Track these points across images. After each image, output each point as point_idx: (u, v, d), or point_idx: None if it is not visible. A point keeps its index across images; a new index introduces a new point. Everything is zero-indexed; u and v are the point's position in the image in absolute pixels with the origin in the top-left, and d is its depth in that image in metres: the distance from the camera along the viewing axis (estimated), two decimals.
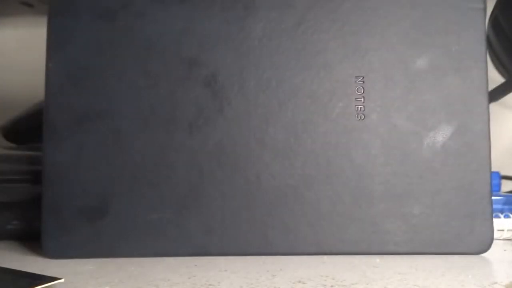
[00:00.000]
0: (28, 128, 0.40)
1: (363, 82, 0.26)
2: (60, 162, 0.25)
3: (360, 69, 0.26)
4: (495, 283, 0.21)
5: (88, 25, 0.26)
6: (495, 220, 0.27)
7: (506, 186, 0.40)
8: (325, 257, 0.25)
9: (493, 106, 0.30)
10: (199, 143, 0.26)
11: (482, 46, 0.26)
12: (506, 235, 0.30)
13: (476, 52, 0.26)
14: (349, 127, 0.26)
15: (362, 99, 0.26)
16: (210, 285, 0.21)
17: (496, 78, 0.44)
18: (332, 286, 0.21)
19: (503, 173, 0.39)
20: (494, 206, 0.30)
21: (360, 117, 0.26)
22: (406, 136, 0.26)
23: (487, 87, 0.26)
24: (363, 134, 0.26)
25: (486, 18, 0.27)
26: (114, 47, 0.26)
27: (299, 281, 0.21)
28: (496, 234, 0.29)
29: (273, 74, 0.26)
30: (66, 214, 0.25)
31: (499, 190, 0.37)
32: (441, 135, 0.26)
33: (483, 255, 0.26)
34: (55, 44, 0.26)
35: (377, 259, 0.25)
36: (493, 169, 0.27)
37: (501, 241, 0.30)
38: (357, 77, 0.26)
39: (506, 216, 0.30)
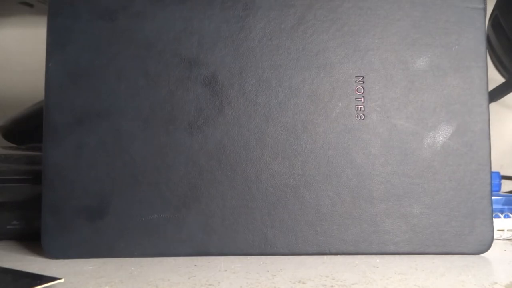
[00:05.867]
0: (28, 128, 0.40)
1: (363, 82, 0.26)
2: (60, 162, 0.25)
3: (360, 69, 0.26)
4: (495, 283, 0.21)
5: (88, 25, 0.26)
6: (495, 220, 0.27)
7: (506, 186, 0.40)
8: (325, 257, 0.25)
9: (493, 106, 0.30)
10: (199, 143, 0.26)
11: (482, 46, 0.26)
12: (506, 235, 0.30)
13: (476, 52, 0.26)
14: (349, 127, 0.26)
15: (362, 99, 0.26)
16: (210, 285, 0.21)
17: (496, 78, 0.44)
18: (332, 286, 0.21)
19: (503, 173, 0.39)
20: (494, 206, 0.30)
21: (360, 117, 0.26)
22: (406, 136, 0.26)
23: (487, 87, 0.26)
24: (363, 134, 0.26)
25: (486, 18, 0.27)
26: (114, 47, 0.26)
27: (299, 281, 0.21)
28: (496, 234, 0.29)
29: (273, 74, 0.26)
30: (66, 214, 0.25)
31: (499, 190, 0.37)
32: (441, 135, 0.26)
33: (483, 255, 0.26)
34: (55, 44, 0.26)
35: (377, 259, 0.25)
36: (493, 169, 0.27)
37: (501, 241, 0.30)
38: (357, 77, 0.26)
39: (506, 216, 0.30)
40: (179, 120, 0.26)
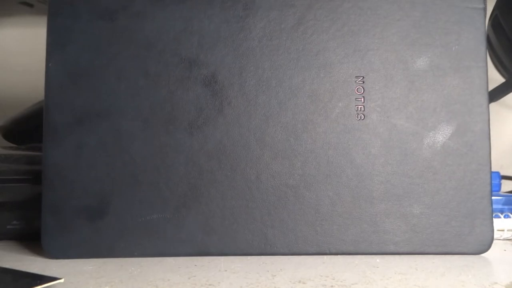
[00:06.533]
0: (28, 128, 0.40)
1: (363, 82, 0.26)
2: (60, 162, 0.25)
3: (360, 69, 0.26)
4: (495, 283, 0.21)
5: (88, 25, 0.26)
6: (495, 220, 0.27)
7: (506, 186, 0.40)
8: (325, 257, 0.25)
9: (493, 106, 0.30)
10: (199, 143, 0.26)
11: (482, 46, 0.26)
12: (506, 235, 0.30)
13: (476, 52, 0.26)
14: (349, 127, 0.26)
15: (362, 99, 0.26)
16: (210, 285, 0.21)
17: (496, 78, 0.44)
18: (332, 286, 0.21)
19: (503, 173, 0.39)
20: (494, 206, 0.30)
21: (360, 117, 0.26)
22: (406, 136, 0.26)
23: (487, 87, 0.26)
24: (363, 134, 0.26)
25: (486, 18, 0.27)
26: (113, 47, 0.26)
27: (299, 281, 0.21)
28: (496, 234, 0.29)
29: (273, 74, 0.26)
30: (66, 214, 0.25)
31: (499, 190, 0.37)
32: (441, 135, 0.26)
33: (483, 255, 0.26)
34: (55, 44, 0.26)
35: (377, 259, 0.25)
36: (493, 169, 0.27)
37: (501, 241, 0.30)
38: (357, 77, 0.26)
39: (506, 216, 0.30)
40: (179, 120, 0.26)
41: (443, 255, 0.26)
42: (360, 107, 0.26)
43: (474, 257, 0.26)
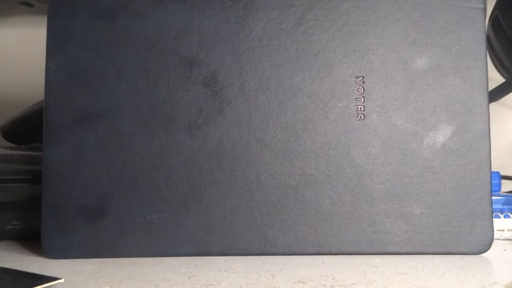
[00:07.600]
0: (28, 128, 0.40)
1: (363, 82, 0.26)
2: (60, 162, 0.25)
3: (360, 69, 0.26)
4: (495, 283, 0.21)
5: (88, 25, 0.26)
6: (495, 220, 0.27)
7: (506, 186, 0.40)
8: (325, 257, 0.25)
9: (493, 106, 0.30)
10: (199, 143, 0.26)
11: (482, 46, 0.26)
12: (506, 235, 0.30)
13: (476, 52, 0.26)
14: (349, 127, 0.26)
15: (362, 99, 0.26)
16: (210, 285, 0.21)
17: (496, 78, 0.44)
18: (332, 286, 0.21)
19: (503, 173, 0.39)
20: (494, 206, 0.30)
21: (360, 117, 0.26)
22: (406, 136, 0.26)
23: (487, 87, 0.26)
24: (363, 134, 0.26)
25: (486, 18, 0.27)
26: (113, 47, 0.26)
27: (299, 281, 0.21)
28: (496, 234, 0.29)
29: (273, 74, 0.26)
30: (66, 214, 0.25)
31: (499, 190, 0.37)
32: (441, 135, 0.26)
33: (483, 255, 0.26)
34: (55, 44, 0.26)
35: (377, 259, 0.25)
36: (493, 169, 0.27)
37: (501, 241, 0.30)
38: (357, 77, 0.26)
39: (506, 216, 0.30)
40: (179, 120, 0.26)
41: (443, 255, 0.26)
42: (360, 107, 0.26)
43: (474, 257, 0.26)
